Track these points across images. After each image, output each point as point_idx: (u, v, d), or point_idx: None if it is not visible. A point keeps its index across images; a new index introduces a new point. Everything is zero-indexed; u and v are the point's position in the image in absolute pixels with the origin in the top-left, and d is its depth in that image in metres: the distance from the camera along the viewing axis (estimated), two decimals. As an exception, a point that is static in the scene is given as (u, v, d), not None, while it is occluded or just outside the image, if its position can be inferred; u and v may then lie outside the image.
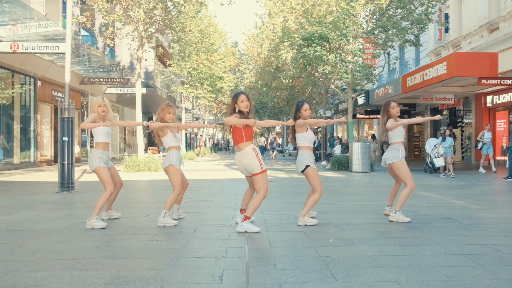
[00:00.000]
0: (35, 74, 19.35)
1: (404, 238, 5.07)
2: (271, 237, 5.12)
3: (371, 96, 25.76)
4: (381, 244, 4.75)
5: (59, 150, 10.56)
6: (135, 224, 6.06)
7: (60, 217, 6.67)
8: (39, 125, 19.98)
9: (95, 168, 5.96)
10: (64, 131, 10.48)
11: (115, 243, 4.87)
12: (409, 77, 19.22)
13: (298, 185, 11.64)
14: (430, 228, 5.65)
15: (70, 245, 4.82)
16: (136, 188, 11.15)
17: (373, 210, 7.23)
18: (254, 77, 33.67)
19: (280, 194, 9.49)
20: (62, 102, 10.58)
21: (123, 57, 31.37)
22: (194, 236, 5.21)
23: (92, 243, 4.88)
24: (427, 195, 9.29)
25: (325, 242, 4.85)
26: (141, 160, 16.97)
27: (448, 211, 7.02)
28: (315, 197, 5.83)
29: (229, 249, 4.56)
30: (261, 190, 5.35)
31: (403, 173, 6.08)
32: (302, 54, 17.26)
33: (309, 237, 5.11)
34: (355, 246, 4.69)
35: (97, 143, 6.10)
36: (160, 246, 4.71)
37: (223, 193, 9.74)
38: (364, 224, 5.96)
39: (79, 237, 5.22)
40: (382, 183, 12.20)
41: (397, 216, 6.03)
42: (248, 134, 5.45)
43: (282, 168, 19.71)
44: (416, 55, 27.68)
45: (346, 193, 9.86)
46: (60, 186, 10.34)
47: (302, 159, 5.90)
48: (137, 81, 17.95)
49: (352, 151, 17.05)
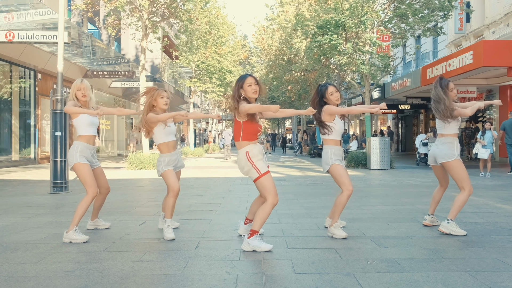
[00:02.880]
0: (35, 66, 18.33)
1: (466, 259, 3.90)
2: (293, 258, 3.97)
3: (387, 90, 24.50)
4: (440, 270, 3.59)
5: (51, 146, 9.49)
6: (126, 236, 4.95)
7: (39, 225, 5.59)
8: (39, 120, 18.97)
9: (74, 164, 4.79)
10: (57, 125, 9.41)
11: (93, 266, 3.76)
12: (429, 69, 17.91)
13: (315, 184, 10.50)
14: (492, 243, 4.48)
15: (35, 268, 3.72)
16: (137, 188, 10.08)
17: (410, 217, 6.06)
18: (265, 70, 32.48)
19: (296, 196, 8.35)
20: (55, 93, 9.52)
21: (129, 50, 30.30)
22: (196, 255, 4.08)
23: (64, 265, 3.78)
24: (465, 197, 8.09)
25: (365, 266, 3.70)
26: (145, 156, 15.94)
27: (501, 219, 5.83)
28: (341, 198, 4.79)
29: (240, 277, 3.43)
30: (267, 196, 4.19)
31: (460, 174, 4.87)
32: (316, 43, 16.06)
33: (343, 258, 3.96)
34: (406, 272, 3.54)
35: (80, 135, 4.94)
36: (150, 271, 3.59)
37: (232, 195, 8.62)
38: (406, 237, 4.80)
39: (51, 255, 4.12)
40: (408, 182, 11.02)
41: (450, 227, 4.84)
42: (247, 131, 4.28)
43: (295, 165, 18.55)
44: (434, 47, 26.37)
45: (371, 194, 8.68)
46: (52, 186, 9.30)
47: (326, 158, 4.87)
48: (141, 74, 16.89)
49: (370, 147, 15.86)
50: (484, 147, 12.88)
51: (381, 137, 16.30)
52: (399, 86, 22.23)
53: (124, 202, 7.72)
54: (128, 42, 29.41)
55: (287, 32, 23.43)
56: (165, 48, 23.59)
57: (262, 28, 30.87)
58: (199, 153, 28.00)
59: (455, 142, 4.94)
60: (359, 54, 16.60)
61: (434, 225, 5.32)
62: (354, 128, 42.95)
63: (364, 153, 16.86)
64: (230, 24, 30.41)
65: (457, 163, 4.88)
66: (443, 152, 4.94)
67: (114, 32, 16.99)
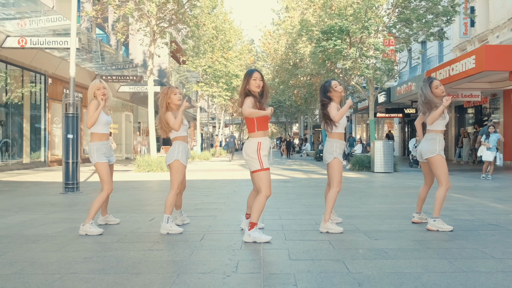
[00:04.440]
0: (45, 71, 18.89)
1: (448, 249, 4.29)
2: (290, 247, 4.39)
3: (392, 94, 24.86)
4: (422, 257, 3.98)
5: (63, 148, 9.95)
6: (136, 229, 5.37)
7: (55, 221, 6.03)
8: (49, 123, 19.52)
9: (95, 163, 5.27)
10: (69, 128, 9.87)
11: (108, 253, 4.19)
12: (433, 73, 18.27)
13: (318, 186, 10.88)
14: (476, 236, 4.86)
15: (56, 255, 4.15)
16: (145, 188, 10.51)
17: (404, 214, 6.44)
18: (271, 75, 32.89)
19: (298, 196, 8.75)
20: (67, 97, 9.98)
21: (137, 55, 30.88)
22: (201, 245, 4.50)
23: (82, 253, 4.21)
24: (462, 197, 8.46)
25: (354, 254, 4.10)
26: (153, 159, 16.38)
27: (490, 216, 6.20)
28: (332, 194, 5.13)
29: (240, 262, 3.84)
30: (262, 188, 4.57)
31: (440, 169, 5.21)
32: (321, 48, 16.46)
33: (335, 247, 4.36)
34: (391, 259, 3.94)
35: (94, 133, 5.35)
36: (160, 258, 4.02)
37: (237, 195, 9.03)
38: (397, 231, 5.19)
39: (68, 245, 4.56)
40: (409, 184, 11.37)
41: (437, 224, 5.20)
42: (260, 120, 4.67)
43: (300, 168, 18.94)
44: (439, 51, 26.66)
45: (371, 195, 9.06)
46: (64, 187, 9.74)
47: (331, 149, 5.20)
48: (149, 78, 17.36)
49: (374, 150, 16.21)
50: (489, 150, 13.14)
51: (385, 141, 16.65)
52: (404, 90, 22.58)
53: (133, 201, 8.14)
54: (136, 47, 30.00)
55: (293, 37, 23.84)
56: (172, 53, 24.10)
57: (269, 33, 31.31)
58: (206, 156, 28.45)
59: (437, 138, 5.27)
60: (363, 58, 16.97)
61: (422, 222, 5.69)
62: (361, 132, 43.19)
63: (368, 156, 17.21)
64: (236, 29, 30.89)
65: (438, 158, 5.22)
66: (426, 148, 5.31)
67: (123, 38, 17.49)
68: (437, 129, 5.32)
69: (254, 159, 4.62)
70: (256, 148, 4.62)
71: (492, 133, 13.34)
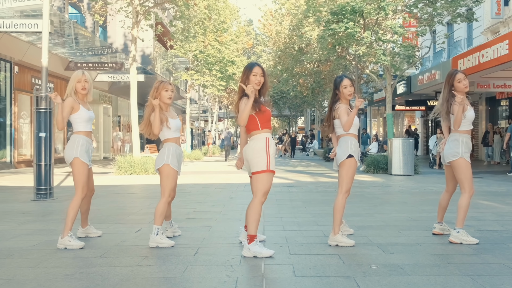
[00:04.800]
0: (11, 58, 19.06)
1: (472, 264, 4.50)
2: (295, 263, 4.59)
3: (413, 83, 25.06)
4: (442, 274, 4.19)
5: (35, 148, 10.14)
6: (122, 242, 5.57)
7: (29, 233, 6.23)
8: (16, 118, 19.71)
9: (74, 158, 5.35)
10: (41, 125, 10.05)
11: (92, 270, 4.38)
12: (460, 60, 18.48)
13: (327, 191, 11.09)
14: (504, 250, 5.07)
15: (34, 272, 4.35)
16: (129, 195, 10.71)
17: (425, 225, 6.65)
18: (272, 61, 33.12)
19: (305, 203, 8.96)
20: (38, 90, 10.16)
21: (116, 38, 31.07)
22: (195, 260, 4.70)
23: (62, 269, 4.41)
24: (490, 204, 8.68)
25: (367, 270, 4.31)
26: (136, 160, 16.58)
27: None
28: (340, 201, 5.30)
29: (240, 280, 4.04)
30: (259, 192, 4.72)
31: (463, 174, 5.42)
32: (330, 31, 16.64)
33: (345, 263, 4.57)
34: (408, 275, 4.14)
35: (79, 131, 5.51)
36: (150, 275, 4.21)
37: (234, 202, 9.24)
38: (415, 244, 5.40)
39: (47, 260, 4.75)
40: (431, 189, 11.59)
41: (460, 236, 5.40)
42: (263, 119, 4.85)
43: (306, 170, 19.16)
44: (468, 34, 26.89)
45: (388, 202, 9.28)
46: (35, 193, 9.93)
47: (345, 146, 5.35)
48: (131, 66, 17.55)
49: (392, 149, 16.42)
50: None
51: (404, 138, 16.86)
52: (427, 79, 22.78)
53: (116, 209, 8.33)
54: (115, 29, 30.16)
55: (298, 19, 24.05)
56: (158, 37, 24.26)
57: (270, 12, 31.51)
58: (197, 156, 28.67)
59: (460, 139, 5.45)
60: (379, 43, 17.17)
61: (444, 234, 5.89)
62: (377, 127, 43.43)
63: (385, 156, 17.42)
64: (232, 8, 31.08)
65: (461, 162, 5.42)
66: (448, 150, 5.53)
67: (101, 20, 17.67)
68: (460, 130, 5.51)
69: (260, 156, 4.73)
70: (265, 144, 4.77)
71: None
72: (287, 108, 51.52)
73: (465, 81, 5.48)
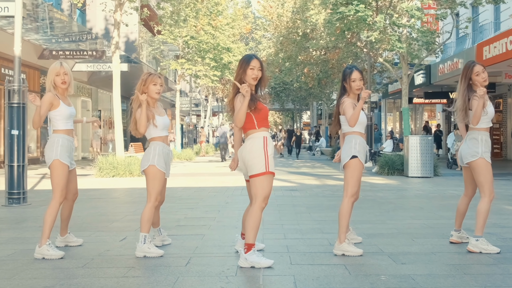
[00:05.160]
0: (-23, 45, 19.26)
1: (490, 275, 4.69)
2: (296, 273, 4.78)
3: (433, 73, 25.25)
4: (457, 285, 4.38)
5: (7, 147, 10.32)
6: (105, 252, 5.76)
7: (2, 241, 6.42)
8: (-17, 114, 19.89)
9: (53, 160, 5.51)
10: (13, 122, 10.23)
11: (74, 281, 4.57)
12: (486, 47, 18.67)
13: (335, 195, 11.28)
14: (527, 260, 5.27)
15: (10, 283, 4.54)
16: (112, 199, 10.91)
17: (442, 232, 6.84)
18: (273, 48, 33.30)
19: (308, 209, 9.16)
20: (10, 82, 10.34)
21: (96, 22, 31.24)
22: (187, 271, 4.89)
23: (41, 281, 4.60)
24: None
25: (375, 282, 4.50)
26: (120, 161, 16.76)
27: (549, 235, 6.62)
28: (345, 206, 5.52)
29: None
30: (258, 197, 4.88)
31: (483, 176, 5.60)
32: (339, 15, 16.84)
33: (352, 274, 4.76)
34: (419, 287, 4.33)
35: (58, 130, 5.67)
36: (138, 286, 4.40)
37: (230, 207, 9.43)
38: (430, 253, 5.59)
39: (23, 271, 4.94)
40: (451, 193, 11.79)
41: (480, 245, 5.58)
42: (260, 117, 5.02)
43: (311, 171, 19.36)
44: (495, 17, 27.05)
45: (402, 207, 9.48)
46: (7, 197, 10.12)
47: (349, 146, 5.57)
48: (114, 54, 17.73)
49: (408, 148, 16.60)
50: None
51: (422, 136, 17.05)
52: (448, 68, 22.97)
53: (97, 216, 8.52)
54: (95, 12, 30.29)
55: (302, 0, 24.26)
56: (144, 21, 24.43)
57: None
58: (188, 156, 28.85)
59: (479, 137, 5.63)
60: (394, 28, 17.35)
61: (463, 242, 6.07)
62: (393, 123, 43.61)
63: (401, 156, 17.60)
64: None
65: (481, 162, 5.59)
66: (466, 150, 5.71)
67: (80, 3, 17.86)
68: (479, 127, 5.68)
69: (258, 157, 4.88)
70: (263, 144, 4.92)
71: None
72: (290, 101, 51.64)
73: (484, 73, 5.63)
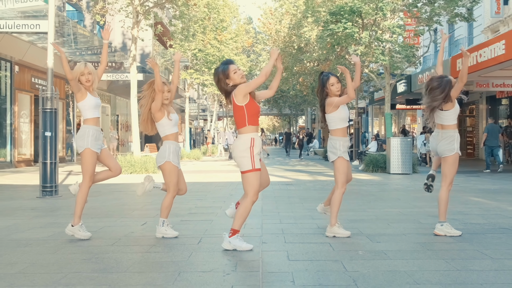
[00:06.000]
0: (11, 57, 19.67)
1: (449, 250, 5.12)
2: (289, 249, 5.21)
3: (413, 82, 25.60)
4: (420, 258, 4.81)
5: (41, 147, 10.76)
6: (130, 234, 6.20)
7: (41, 226, 6.84)
8: (16, 118, 20.31)
9: (85, 149, 5.79)
10: (47, 125, 10.66)
11: (106, 255, 5.01)
12: (459, 59, 19.05)
13: (324, 189, 11.70)
14: (481, 239, 5.69)
15: (54, 257, 4.97)
16: (131, 192, 11.32)
17: (413, 218, 7.28)
18: (272, 60, 33.67)
19: (302, 200, 9.58)
20: (44, 91, 10.77)
21: (115, 36, 31.68)
22: (199, 248, 5.33)
23: (79, 255, 5.03)
24: (480, 201, 9.30)
25: (353, 255, 4.93)
26: (136, 159, 17.17)
27: (504, 220, 7.04)
28: (337, 196, 5.87)
29: (239, 263, 4.67)
30: (249, 192, 5.09)
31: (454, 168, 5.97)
32: (329, 32, 17.28)
33: (335, 249, 5.19)
34: (389, 259, 4.77)
35: (86, 119, 5.98)
36: (159, 259, 4.84)
37: (234, 199, 9.81)
38: (401, 234, 6.02)
39: (64, 248, 5.38)
40: (426, 187, 12.19)
41: (444, 229, 5.95)
42: (251, 112, 5.14)
43: (305, 169, 19.79)
44: (468, 32, 27.46)
45: (382, 198, 9.92)
46: (41, 190, 10.53)
47: (335, 148, 5.91)
48: (131, 65, 18.15)
49: (390, 148, 17.03)
50: None
51: (403, 138, 17.47)
52: (427, 78, 23.30)
53: (120, 205, 8.95)
54: (114, 28, 30.65)
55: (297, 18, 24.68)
56: (158, 36, 24.88)
57: (270, 11, 32.11)
58: (196, 155, 29.25)
59: (455, 135, 5.99)
60: (378, 43, 17.77)
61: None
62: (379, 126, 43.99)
63: (384, 156, 18.01)
64: (231, 6, 31.66)
65: (455, 157, 5.95)
66: (445, 146, 5.98)
67: (102, 21, 18.29)
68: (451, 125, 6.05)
69: (245, 157, 5.11)
70: (250, 145, 5.13)
71: None
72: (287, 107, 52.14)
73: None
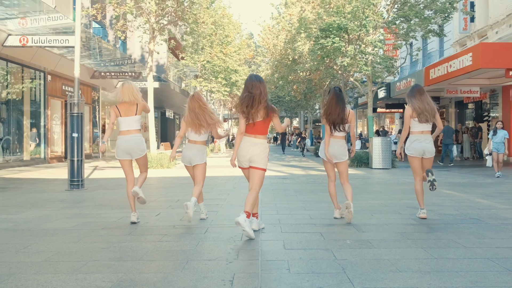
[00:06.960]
0: (45, 68, 19.50)
1: (426, 240, 4.96)
2: (285, 239, 5.05)
3: (392, 89, 25.48)
4: (401, 247, 4.65)
5: (69, 146, 10.61)
6: (145, 224, 6.04)
7: (68, 216, 6.69)
8: (49, 120, 20.15)
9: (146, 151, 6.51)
10: (74, 127, 10.52)
11: (123, 244, 4.85)
12: (432, 69, 18.93)
13: (316, 182, 11.55)
14: (454, 229, 5.53)
15: (77, 246, 4.81)
16: (147, 186, 11.15)
17: (394, 209, 7.11)
18: (270, 70, 33.51)
19: (296, 192, 9.42)
20: (71, 97, 10.61)
21: (134, 50, 31.48)
22: (205, 237, 5.17)
23: (99, 244, 4.87)
24: (451, 193, 9.13)
25: (342, 244, 4.77)
26: (153, 156, 17.00)
27: (473, 211, 6.87)
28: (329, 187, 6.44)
29: (241, 251, 4.51)
30: (258, 185, 5.18)
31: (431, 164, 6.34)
32: (319, 45, 17.09)
33: (326, 239, 5.03)
34: (374, 248, 4.60)
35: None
36: (170, 248, 4.68)
37: (237, 191, 9.69)
38: (384, 224, 5.86)
39: (86, 237, 5.22)
40: (404, 180, 12.04)
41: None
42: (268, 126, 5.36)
43: (299, 164, 19.60)
44: (440, 46, 27.27)
45: (366, 191, 9.75)
46: (69, 184, 10.39)
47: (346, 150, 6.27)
48: (149, 75, 17.99)
49: (372, 146, 16.87)
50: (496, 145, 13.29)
51: (383, 137, 17.30)
52: (403, 86, 23.19)
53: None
54: (134, 42, 30.56)
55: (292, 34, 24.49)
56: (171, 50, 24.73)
57: (268, 28, 31.89)
58: (205, 153, 29.05)
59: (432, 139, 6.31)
60: (361, 56, 17.59)
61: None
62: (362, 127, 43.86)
63: (367, 153, 17.86)
64: (235, 24, 31.46)
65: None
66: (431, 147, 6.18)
67: (123, 37, 18.12)
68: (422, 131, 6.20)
69: (265, 158, 5.24)
70: (268, 150, 5.32)
71: (500, 130, 13.45)
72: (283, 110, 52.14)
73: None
